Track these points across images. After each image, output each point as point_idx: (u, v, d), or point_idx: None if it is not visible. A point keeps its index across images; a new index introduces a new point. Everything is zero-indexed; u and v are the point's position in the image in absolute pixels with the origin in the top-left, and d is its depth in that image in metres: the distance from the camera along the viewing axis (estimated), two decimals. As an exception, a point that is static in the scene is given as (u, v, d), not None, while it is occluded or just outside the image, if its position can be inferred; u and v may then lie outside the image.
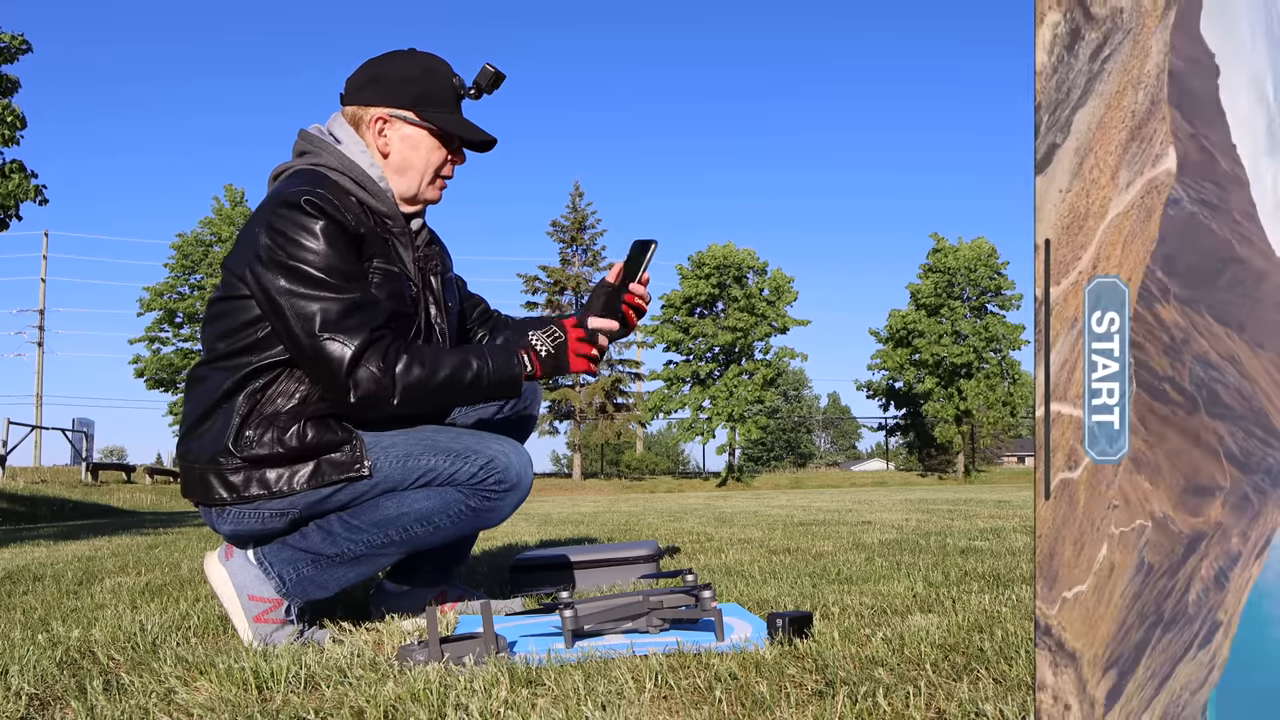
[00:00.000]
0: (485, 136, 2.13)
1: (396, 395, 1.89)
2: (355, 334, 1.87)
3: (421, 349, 1.96)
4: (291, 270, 1.88)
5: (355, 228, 1.95)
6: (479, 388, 1.97)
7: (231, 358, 1.95)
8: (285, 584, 1.95)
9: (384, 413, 1.93)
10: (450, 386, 1.94)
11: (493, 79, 2.12)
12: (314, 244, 1.89)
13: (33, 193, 10.76)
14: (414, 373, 1.91)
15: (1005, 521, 5.12)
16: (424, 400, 1.93)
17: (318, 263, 1.88)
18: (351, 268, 1.92)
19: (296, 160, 2.08)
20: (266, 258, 1.89)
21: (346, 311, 1.88)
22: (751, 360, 31.92)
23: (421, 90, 2.08)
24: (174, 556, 4.17)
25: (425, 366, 1.92)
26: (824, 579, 2.61)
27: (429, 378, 1.92)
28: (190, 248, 31.01)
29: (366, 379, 1.87)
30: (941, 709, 1.24)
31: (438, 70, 2.11)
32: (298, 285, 1.87)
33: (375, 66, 2.10)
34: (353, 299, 1.89)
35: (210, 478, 1.93)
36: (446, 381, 1.93)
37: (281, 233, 1.89)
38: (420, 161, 2.09)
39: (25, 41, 11.59)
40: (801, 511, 7.37)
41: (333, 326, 1.86)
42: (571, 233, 33.93)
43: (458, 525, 2.01)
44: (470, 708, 1.29)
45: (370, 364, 1.87)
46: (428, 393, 1.92)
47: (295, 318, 1.87)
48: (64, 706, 1.42)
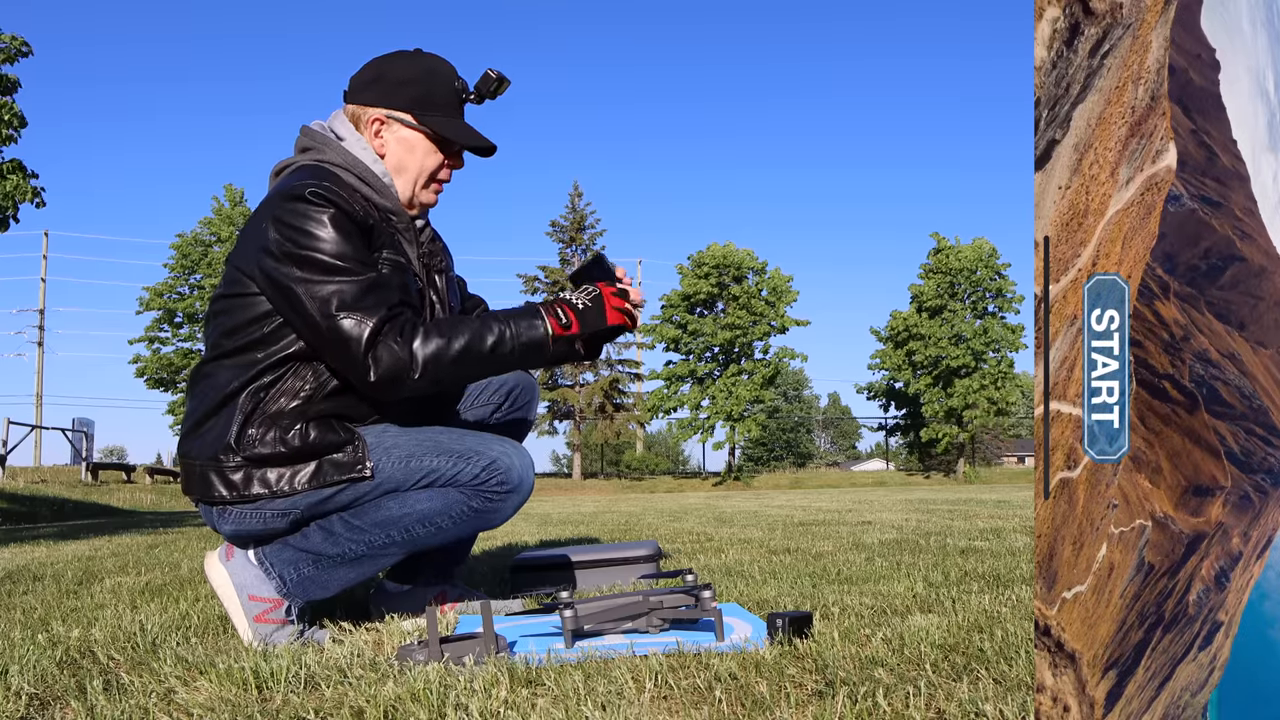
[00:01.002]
0: (483, 142, 2.11)
1: (417, 369, 1.87)
2: (372, 312, 1.86)
3: (438, 321, 1.94)
4: (304, 259, 1.87)
5: (365, 219, 1.94)
6: (503, 352, 1.93)
7: (237, 354, 1.95)
8: (286, 584, 1.95)
9: (407, 389, 1.89)
10: (471, 354, 1.90)
11: (495, 84, 2.10)
12: (324, 232, 1.88)
13: (30, 194, 10.75)
14: (432, 343, 1.88)
15: (1005, 522, 5.12)
16: (447, 372, 1.90)
17: (330, 249, 1.87)
18: (362, 254, 1.91)
19: (299, 156, 2.07)
20: (277, 250, 1.88)
21: (363, 292, 1.87)
22: (751, 360, 31.90)
23: (421, 92, 2.06)
24: (174, 556, 4.17)
25: (443, 336, 1.89)
26: (824, 579, 2.61)
27: (447, 346, 1.89)
28: (190, 248, 31.00)
29: (386, 355, 1.85)
30: (941, 709, 1.24)
31: (439, 72, 2.09)
32: (312, 273, 1.86)
33: (378, 66, 2.10)
34: (369, 279, 1.88)
35: (211, 475, 1.93)
36: (466, 349, 1.90)
37: (290, 225, 1.88)
38: (415, 165, 2.07)
39: (25, 44, 11.58)
40: (801, 511, 7.36)
41: (350, 306, 1.85)
42: (571, 233, 33.94)
43: (459, 526, 2.00)
44: (470, 708, 1.29)
45: (389, 339, 1.86)
46: (449, 362, 1.89)
47: (311, 302, 1.86)
48: (64, 706, 1.42)
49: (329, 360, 1.93)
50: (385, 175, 2.05)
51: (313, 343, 1.91)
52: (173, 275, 31.13)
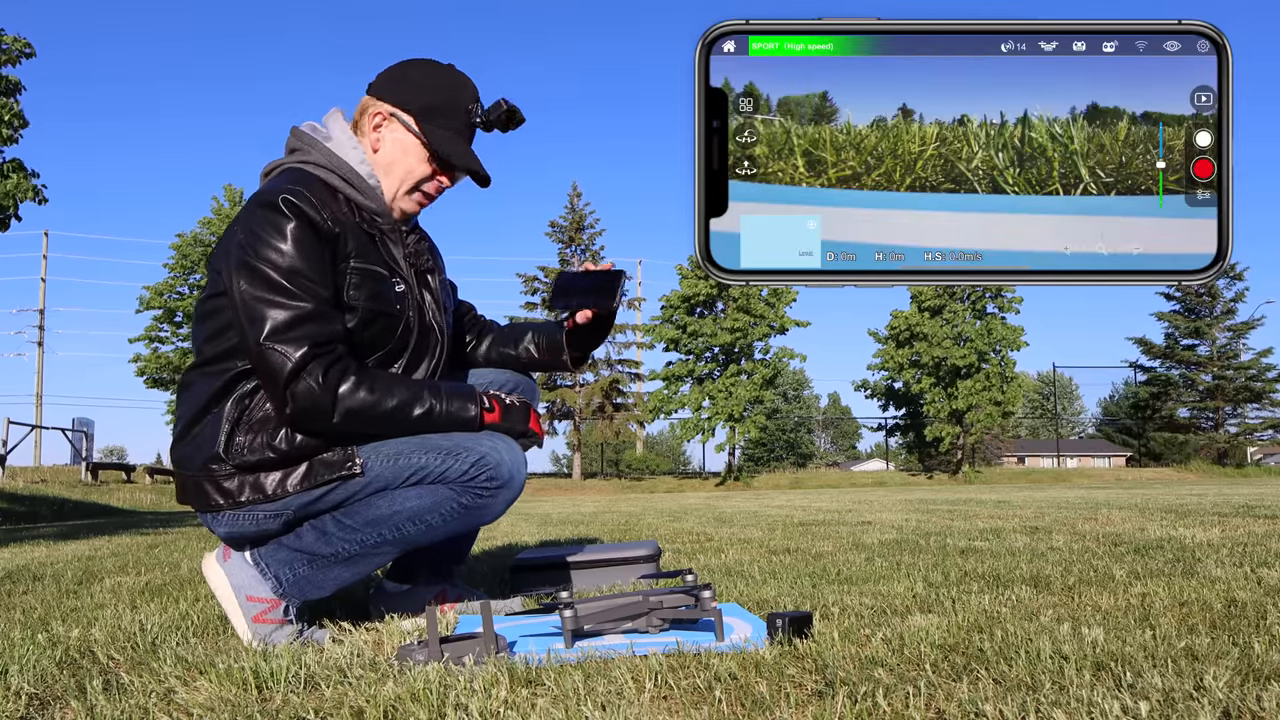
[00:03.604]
0: (475, 166, 2.09)
1: (336, 414, 1.87)
2: (298, 345, 1.84)
3: (375, 373, 1.94)
4: (253, 271, 1.87)
5: (331, 228, 1.93)
6: (428, 424, 1.96)
7: (218, 361, 1.95)
8: (282, 584, 1.95)
9: (323, 428, 1.90)
10: (396, 417, 1.92)
11: (505, 115, 2.08)
12: (282, 245, 1.87)
13: (31, 192, 10.75)
14: (359, 395, 1.88)
15: (1005, 522, 5.12)
16: (367, 424, 1.92)
17: (280, 264, 1.86)
18: (317, 274, 1.89)
19: (286, 158, 2.08)
20: (236, 256, 1.89)
21: (294, 322, 1.85)
22: (751, 360, 31.89)
23: (432, 101, 2.06)
24: (174, 556, 4.17)
25: (374, 393, 1.90)
26: (824, 579, 2.61)
27: (375, 404, 1.90)
28: (190, 248, 30.98)
29: (304, 393, 1.85)
30: (941, 709, 1.24)
31: (457, 89, 2.08)
32: (255, 288, 1.86)
33: (406, 67, 2.10)
34: (307, 309, 1.86)
35: (205, 485, 1.93)
36: (394, 411, 1.92)
37: (253, 232, 1.89)
38: (403, 168, 2.06)
39: (29, 45, 11.59)
40: (801, 511, 7.36)
41: (278, 336, 1.84)
42: (570, 233, 33.94)
43: (450, 523, 2.00)
44: (470, 708, 1.29)
45: (311, 378, 1.85)
46: (372, 418, 1.91)
47: (247, 321, 1.86)
48: (64, 706, 1.42)
49: (258, 379, 1.92)
50: (371, 177, 2.04)
51: (248, 359, 1.91)
52: (173, 275, 31.13)
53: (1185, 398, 35.91)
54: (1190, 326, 35.72)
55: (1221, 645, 1.54)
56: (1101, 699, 1.21)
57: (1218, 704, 1.19)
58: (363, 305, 1.95)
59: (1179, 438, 35.38)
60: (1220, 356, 35.29)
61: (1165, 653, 1.47)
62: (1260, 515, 4.94)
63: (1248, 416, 35.18)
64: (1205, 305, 35.54)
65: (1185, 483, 19.85)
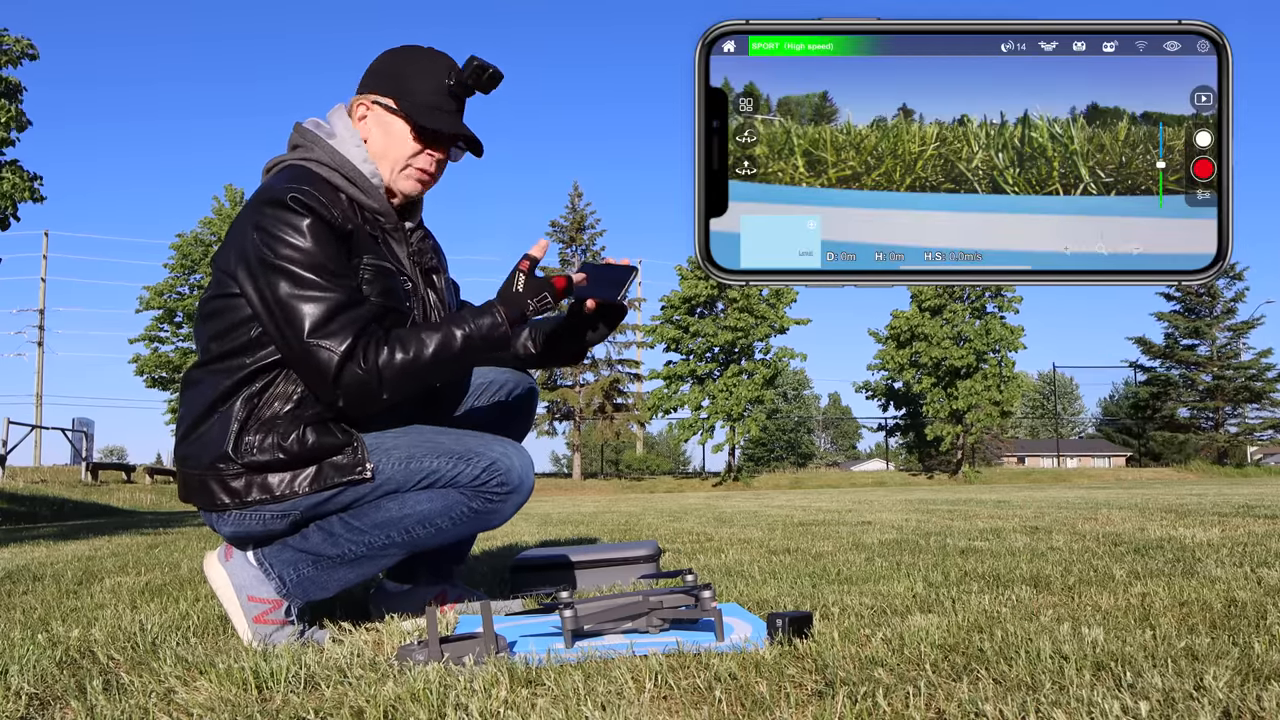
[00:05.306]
0: (458, 129, 2.06)
1: (385, 389, 1.88)
2: (341, 338, 1.85)
3: (401, 333, 1.93)
4: (279, 269, 1.86)
5: (342, 224, 1.93)
6: (469, 352, 1.94)
7: (226, 359, 1.94)
8: (285, 585, 1.95)
9: (376, 407, 1.91)
10: (441, 357, 1.91)
11: (478, 70, 2.04)
12: (300, 241, 1.87)
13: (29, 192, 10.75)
14: (396, 360, 1.88)
15: (1005, 522, 5.12)
16: (416, 381, 1.91)
17: (304, 261, 1.87)
18: (338, 265, 1.90)
19: (289, 155, 2.07)
20: (254, 256, 1.88)
21: (331, 314, 1.86)
22: (751, 360, 31.89)
23: (407, 80, 2.05)
24: (174, 556, 4.17)
25: (408, 350, 1.90)
26: (824, 579, 2.61)
27: (415, 359, 1.89)
28: (190, 248, 31.00)
29: (351, 381, 1.86)
30: (941, 709, 1.24)
31: (430, 62, 2.06)
32: (285, 286, 1.86)
33: (382, 57, 2.11)
34: (338, 299, 1.87)
35: (211, 483, 1.93)
36: (435, 356, 1.91)
37: (267, 230, 1.88)
38: (392, 150, 2.05)
39: (32, 46, 11.60)
40: (801, 511, 7.36)
41: (319, 331, 1.85)
42: (571, 233, 33.95)
43: (459, 527, 2.00)
44: (470, 708, 1.29)
45: (354, 364, 1.86)
46: (418, 373, 1.90)
47: (284, 321, 1.86)
48: (64, 706, 1.42)
49: (299, 377, 1.92)
50: (375, 175, 2.04)
51: (286, 358, 1.91)
52: (173, 275, 31.14)
53: (1185, 398, 35.90)
54: (1190, 326, 35.71)
55: (1221, 645, 1.54)
56: (1101, 699, 1.21)
57: (1218, 704, 1.19)
58: (375, 301, 1.95)
59: (1179, 438, 35.37)
60: (1220, 356, 35.27)
61: (1165, 653, 1.47)
62: (1260, 515, 4.94)
63: (1248, 416, 35.17)
64: (1205, 305, 35.52)
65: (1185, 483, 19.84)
